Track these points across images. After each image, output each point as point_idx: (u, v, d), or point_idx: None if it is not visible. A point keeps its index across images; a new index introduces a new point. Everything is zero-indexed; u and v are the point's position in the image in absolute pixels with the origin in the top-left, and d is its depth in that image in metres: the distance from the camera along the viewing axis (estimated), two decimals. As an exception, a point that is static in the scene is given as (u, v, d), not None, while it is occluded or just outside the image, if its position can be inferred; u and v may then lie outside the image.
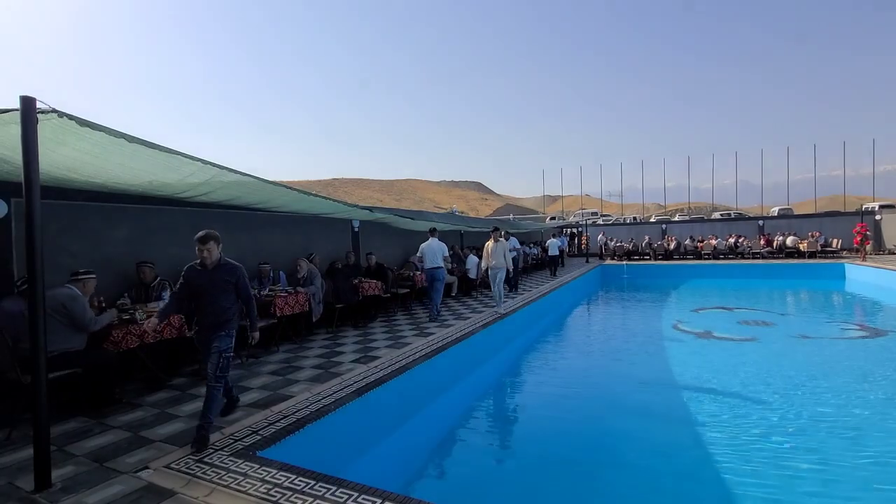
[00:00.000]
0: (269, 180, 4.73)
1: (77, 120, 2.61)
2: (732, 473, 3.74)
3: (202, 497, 2.61)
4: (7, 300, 4.28)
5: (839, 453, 4.03)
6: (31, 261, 2.71)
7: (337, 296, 7.35)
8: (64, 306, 3.88)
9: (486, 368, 6.96)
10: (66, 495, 2.66)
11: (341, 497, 2.56)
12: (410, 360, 5.29)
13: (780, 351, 7.57)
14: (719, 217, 30.23)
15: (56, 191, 4.73)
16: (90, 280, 4.30)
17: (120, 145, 3.08)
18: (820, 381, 5.91)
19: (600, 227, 28.59)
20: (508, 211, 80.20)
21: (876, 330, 8.91)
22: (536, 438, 4.66)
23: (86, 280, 4.25)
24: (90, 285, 4.30)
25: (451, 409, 5.46)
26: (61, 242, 4.93)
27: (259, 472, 2.86)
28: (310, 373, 4.99)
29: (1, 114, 2.62)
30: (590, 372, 6.85)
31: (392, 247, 11.32)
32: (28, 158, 2.64)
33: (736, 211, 34.73)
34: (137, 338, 4.40)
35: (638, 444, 4.44)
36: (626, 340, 8.83)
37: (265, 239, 7.63)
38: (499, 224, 12.31)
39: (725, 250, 20.41)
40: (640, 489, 3.70)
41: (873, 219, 21.91)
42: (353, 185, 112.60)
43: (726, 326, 9.35)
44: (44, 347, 2.76)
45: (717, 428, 4.63)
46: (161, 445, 3.30)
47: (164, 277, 5.44)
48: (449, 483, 3.88)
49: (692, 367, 6.83)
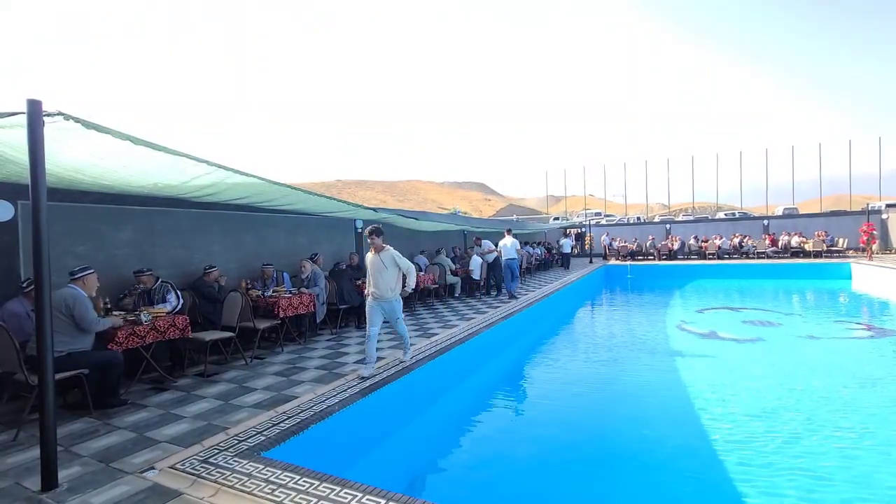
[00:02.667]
0: (273, 181, 4.75)
1: (83, 122, 2.63)
2: (736, 474, 3.71)
3: (207, 497, 2.62)
4: (13, 301, 4.32)
5: (843, 453, 4.00)
6: (38, 263, 2.73)
7: (340, 297, 7.36)
8: (67, 306, 3.86)
9: (490, 368, 6.95)
10: (72, 495, 2.67)
11: (345, 498, 2.57)
12: (414, 361, 5.30)
13: (785, 351, 7.52)
14: (724, 217, 30.09)
15: (61, 193, 4.77)
16: (90, 276, 4.18)
17: (126, 147, 3.09)
18: (826, 381, 5.86)
19: (604, 228, 28.52)
20: (512, 211, 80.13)
21: (883, 330, 8.84)
22: (540, 438, 4.64)
23: (85, 277, 4.14)
24: (91, 281, 4.18)
25: (455, 410, 5.46)
26: (66, 244, 4.97)
27: (263, 472, 2.87)
28: (314, 374, 5.00)
29: (8, 116, 2.65)
30: (593, 372, 6.83)
31: (395, 248, 11.29)
32: (34, 161, 2.66)
33: (740, 211, 34.56)
34: (140, 339, 4.42)
35: (641, 445, 4.42)
36: (631, 340, 8.79)
37: (269, 240, 7.67)
38: (498, 225, 12.31)
39: (730, 250, 20.31)
40: (643, 489, 3.69)
41: (880, 218, 21.76)
42: (355, 187, 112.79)
43: (731, 327, 9.30)
44: (51, 348, 2.78)
45: (721, 428, 4.60)
46: (166, 446, 3.31)
47: (167, 280, 5.46)
48: (453, 484, 3.87)
49: (697, 368, 6.79)
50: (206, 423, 3.71)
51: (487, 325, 7.34)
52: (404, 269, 5.13)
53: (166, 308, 5.04)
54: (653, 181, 50.44)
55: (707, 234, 23.19)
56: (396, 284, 5.11)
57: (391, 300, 5.05)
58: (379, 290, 5.00)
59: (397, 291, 5.12)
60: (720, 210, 39.69)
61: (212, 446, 3.26)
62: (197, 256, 6.44)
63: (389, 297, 5.03)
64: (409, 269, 5.14)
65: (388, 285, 5.01)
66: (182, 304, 5.35)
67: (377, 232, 5.13)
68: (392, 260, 5.06)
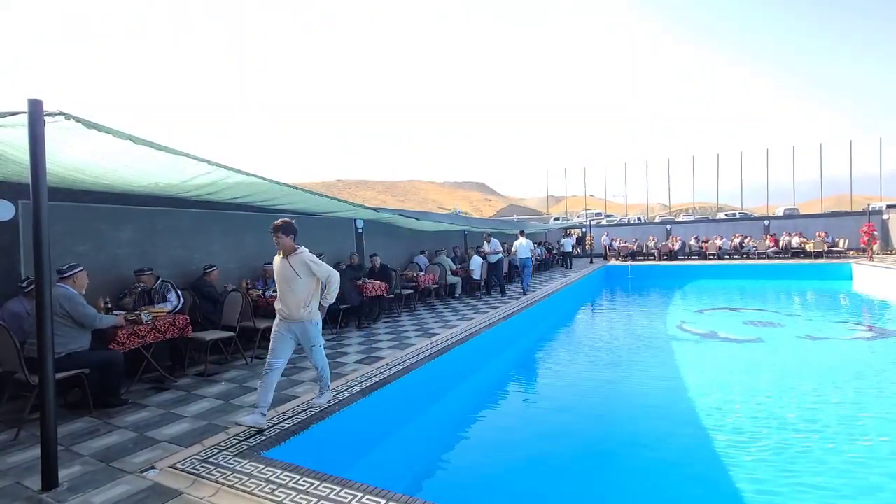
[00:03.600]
0: (274, 180, 4.75)
1: (84, 122, 2.63)
2: (738, 474, 3.71)
3: (207, 497, 2.62)
4: (13, 301, 4.32)
5: (845, 453, 3.99)
6: (38, 262, 2.73)
7: (340, 297, 7.35)
8: (61, 307, 3.82)
9: (490, 368, 6.95)
10: (72, 495, 2.67)
11: (345, 497, 2.57)
12: (414, 361, 5.30)
13: (786, 351, 7.51)
14: (724, 217, 30.07)
15: (62, 192, 4.77)
16: (79, 274, 4.10)
17: (126, 147, 3.09)
18: (827, 381, 5.86)
19: (604, 228, 28.51)
20: (512, 211, 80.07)
21: (884, 330, 8.83)
22: (541, 438, 4.64)
23: (75, 275, 4.07)
24: (81, 279, 4.11)
25: (455, 409, 5.46)
26: (67, 244, 4.98)
27: (264, 472, 2.87)
28: (314, 374, 4.97)
29: (8, 116, 2.65)
30: (594, 371, 6.82)
31: (396, 248, 11.34)
32: (35, 161, 2.66)
33: (741, 211, 34.54)
34: (141, 338, 4.42)
35: (641, 445, 4.41)
36: (631, 340, 8.79)
37: (269, 240, 7.61)
38: (499, 225, 12.31)
39: (731, 251, 20.30)
40: (643, 490, 3.68)
41: (880, 218, 21.74)
42: (356, 187, 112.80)
43: (732, 327, 9.29)
44: (51, 348, 2.78)
45: (722, 428, 4.59)
46: (167, 446, 3.31)
47: (167, 279, 5.46)
48: (453, 483, 3.87)
49: (697, 368, 6.79)
50: (206, 423, 3.71)
51: (488, 325, 7.34)
52: (323, 277, 3.79)
53: (167, 308, 5.04)
54: (653, 181, 50.43)
55: (707, 234, 23.19)
56: (311, 300, 3.78)
57: (304, 321, 3.74)
58: (287, 306, 3.72)
59: (313, 308, 3.79)
60: (721, 210, 39.69)
61: (212, 446, 3.26)
62: (197, 256, 6.44)
63: (301, 316, 3.72)
64: (331, 277, 3.80)
65: (300, 300, 3.70)
66: (182, 304, 5.35)
67: (286, 229, 3.75)
68: (305, 266, 3.73)
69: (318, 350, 3.84)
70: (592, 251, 24.09)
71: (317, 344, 3.84)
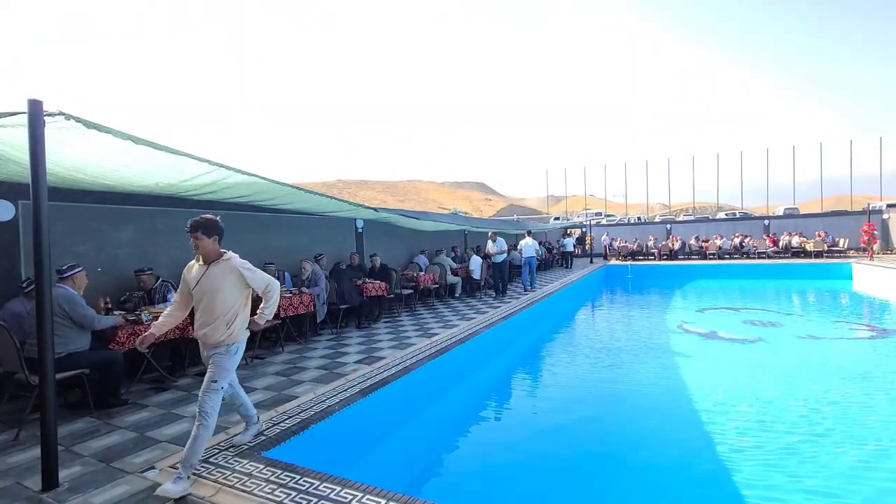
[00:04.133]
0: (274, 180, 4.75)
1: (84, 122, 2.63)
2: (736, 474, 3.70)
3: (208, 497, 2.62)
4: (13, 301, 4.32)
5: (846, 453, 3.99)
6: (38, 262, 2.73)
7: (341, 296, 7.36)
8: (61, 307, 3.82)
9: (490, 368, 6.95)
10: (73, 495, 2.68)
11: (345, 497, 2.57)
12: (415, 361, 5.30)
13: (787, 351, 7.51)
14: (724, 217, 30.06)
15: (62, 192, 4.77)
16: (79, 274, 4.12)
17: (127, 147, 3.09)
18: (827, 382, 5.86)
19: (604, 228, 28.50)
20: (512, 211, 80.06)
21: (885, 330, 8.83)
22: (541, 438, 4.64)
23: (74, 276, 4.08)
24: (80, 279, 4.13)
25: (455, 409, 5.46)
26: (67, 244, 4.98)
27: (264, 472, 2.87)
28: (314, 373, 5.00)
29: (8, 116, 2.65)
30: (594, 371, 6.82)
31: (396, 248, 11.34)
32: (35, 161, 2.66)
33: (741, 211, 34.53)
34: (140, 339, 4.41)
35: (641, 445, 4.41)
36: (631, 341, 8.78)
37: (270, 240, 7.67)
38: (499, 225, 12.30)
39: (731, 250, 20.29)
40: (643, 490, 3.68)
41: (880, 218, 21.73)
42: (356, 187, 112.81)
43: (732, 327, 9.29)
44: (51, 348, 2.78)
45: (723, 428, 4.59)
46: (167, 446, 3.31)
47: (167, 279, 5.46)
48: (453, 483, 3.87)
49: (698, 368, 6.78)
50: (206, 423, 3.70)
51: (488, 325, 7.34)
52: (259, 289, 3.02)
53: (167, 308, 5.03)
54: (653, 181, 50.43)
55: (708, 234, 23.18)
56: (237, 318, 2.94)
57: (221, 344, 2.87)
58: (203, 327, 2.91)
59: (236, 329, 2.92)
60: (721, 210, 39.68)
61: (212, 446, 3.25)
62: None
63: (219, 338, 2.87)
64: (270, 287, 3.07)
65: (223, 319, 2.88)
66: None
67: (207, 227, 2.95)
68: (235, 275, 2.95)
69: (214, 390, 2.79)
70: (592, 251, 24.08)
71: (219, 380, 2.82)
